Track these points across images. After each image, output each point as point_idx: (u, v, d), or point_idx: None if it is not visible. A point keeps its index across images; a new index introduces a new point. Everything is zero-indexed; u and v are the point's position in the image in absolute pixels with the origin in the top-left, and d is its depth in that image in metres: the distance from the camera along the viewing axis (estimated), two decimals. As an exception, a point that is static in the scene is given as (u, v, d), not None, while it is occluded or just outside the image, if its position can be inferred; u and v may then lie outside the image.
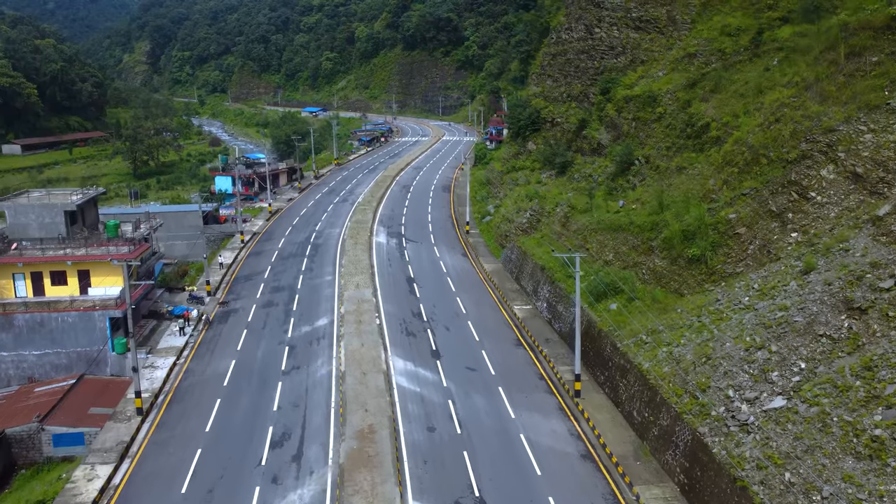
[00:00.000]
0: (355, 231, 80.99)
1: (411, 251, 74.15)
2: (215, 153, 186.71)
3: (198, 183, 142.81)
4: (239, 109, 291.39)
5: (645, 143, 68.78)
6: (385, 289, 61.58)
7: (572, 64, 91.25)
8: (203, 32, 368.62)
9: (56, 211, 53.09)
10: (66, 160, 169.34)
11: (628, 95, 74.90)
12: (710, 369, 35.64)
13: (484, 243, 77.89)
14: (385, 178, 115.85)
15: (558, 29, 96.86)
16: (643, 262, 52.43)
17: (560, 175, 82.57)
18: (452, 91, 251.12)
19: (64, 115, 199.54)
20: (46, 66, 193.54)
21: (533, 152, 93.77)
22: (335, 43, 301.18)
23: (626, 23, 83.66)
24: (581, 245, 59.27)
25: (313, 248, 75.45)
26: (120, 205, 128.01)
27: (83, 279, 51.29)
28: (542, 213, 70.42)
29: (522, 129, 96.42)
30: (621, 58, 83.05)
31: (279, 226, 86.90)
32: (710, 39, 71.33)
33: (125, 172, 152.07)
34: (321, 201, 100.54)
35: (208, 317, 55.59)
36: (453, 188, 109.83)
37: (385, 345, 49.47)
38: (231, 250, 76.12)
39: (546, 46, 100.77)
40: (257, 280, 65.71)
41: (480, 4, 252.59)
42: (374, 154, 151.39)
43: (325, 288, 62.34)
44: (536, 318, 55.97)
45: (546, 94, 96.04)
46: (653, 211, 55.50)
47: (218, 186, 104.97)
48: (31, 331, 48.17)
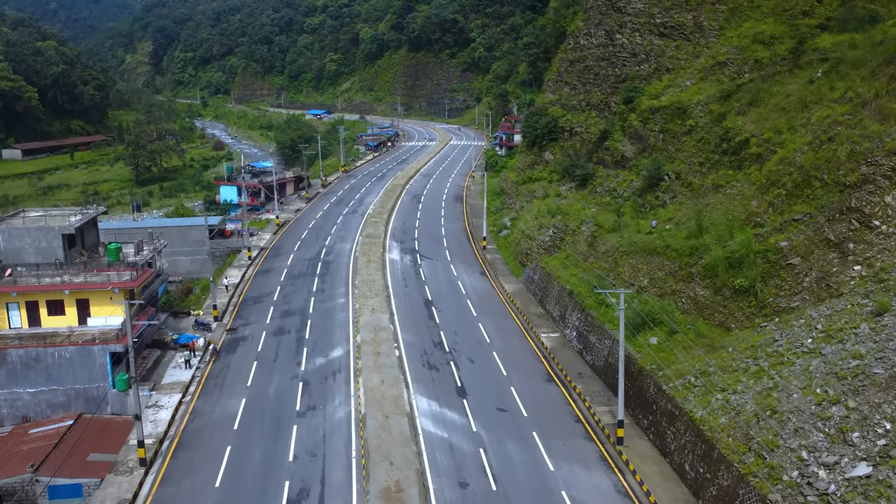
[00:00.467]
0: (367, 247, 77.29)
1: (427, 269, 70.45)
2: (219, 158, 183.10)
3: (201, 190, 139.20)
4: (242, 111, 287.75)
5: (674, 157, 65.08)
6: (402, 314, 57.88)
7: (592, 71, 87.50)
8: (206, 33, 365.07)
9: (53, 234, 49.41)
10: (67, 165, 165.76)
11: (654, 106, 71.16)
12: (778, 424, 31.90)
13: (502, 260, 74.16)
14: (395, 187, 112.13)
15: (576, 34, 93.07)
16: (682, 290, 48.70)
17: (580, 188, 78.86)
18: (458, 93, 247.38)
19: (65, 118, 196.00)
20: (48, 68, 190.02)
21: (550, 163, 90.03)
22: (339, 44, 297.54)
23: (650, 29, 79.91)
24: (611, 269, 55.53)
25: (324, 266, 71.77)
26: (122, 214, 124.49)
27: (82, 309, 47.64)
28: (565, 230, 66.67)
29: (539, 139, 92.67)
30: (644, 65, 79.29)
31: (287, 240, 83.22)
32: (742, 48, 67.64)
33: (127, 179, 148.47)
34: (330, 212, 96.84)
35: (215, 346, 51.90)
36: (465, 198, 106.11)
37: (406, 381, 45.78)
38: (238, 268, 72.45)
39: (563, 52, 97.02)
40: (266, 303, 62.02)
41: (486, 6, 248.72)
42: (381, 160, 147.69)
43: (339, 312, 58.66)
44: (566, 347, 52.24)
45: (564, 101, 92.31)
46: (690, 233, 51.79)
47: (223, 196, 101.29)
48: (25, 367, 44.49)
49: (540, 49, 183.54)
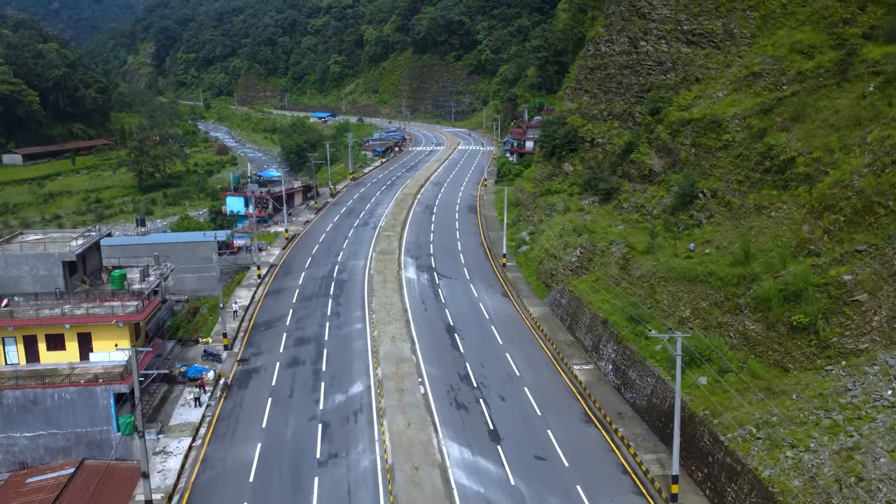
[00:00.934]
0: (382, 264, 73.70)
1: (446, 290, 66.83)
2: (223, 162, 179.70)
3: (206, 198, 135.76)
4: (245, 114, 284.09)
5: (709, 173, 61.46)
6: (424, 342, 54.28)
7: (614, 79, 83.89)
8: (208, 34, 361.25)
9: (53, 262, 45.85)
10: (68, 170, 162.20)
11: (685, 118, 67.57)
12: (867, 495, 28.30)
13: (524, 280, 70.52)
14: (405, 197, 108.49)
15: (596, 41, 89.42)
16: (729, 323, 45.06)
17: (604, 202, 75.26)
18: (464, 96, 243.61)
19: (67, 122, 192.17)
20: (49, 71, 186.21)
21: (570, 175, 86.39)
22: (343, 46, 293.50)
23: (677, 36, 76.29)
24: (648, 296, 51.90)
25: (338, 286, 68.16)
26: (125, 223, 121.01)
27: (84, 343, 44.06)
28: (593, 251, 63.02)
29: (557, 149, 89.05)
30: (671, 74, 75.70)
31: (297, 255, 79.63)
32: (779, 58, 63.96)
33: (130, 185, 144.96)
34: (340, 224, 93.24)
35: (226, 381, 48.31)
36: (479, 209, 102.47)
37: (434, 423, 42.19)
38: (247, 288, 68.86)
39: (581, 59, 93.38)
40: (279, 328, 58.42)
41: (493, 7, 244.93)
42: (389, 166, 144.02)
43: (356, 339, 55.07)
44: (602, 382, 48.62)
45: (583, 110, 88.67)
46: (736, 260, 48.18)
47: (229, 207, 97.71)
48: (22, 409, 40.93)
49: (550, 52, 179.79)
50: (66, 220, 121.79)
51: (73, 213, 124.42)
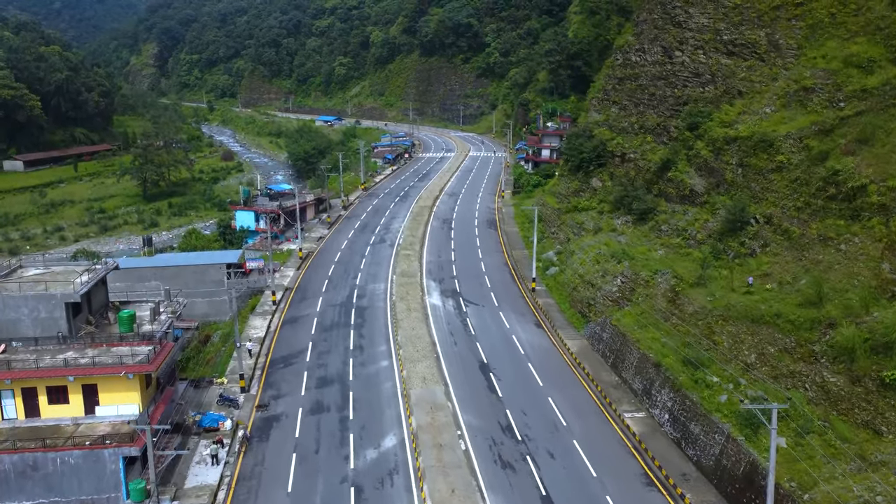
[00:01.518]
0: (404, 288, 69.17)
1: (474, 319, 62.26)
2: (228, 169, 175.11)
3: (212, 207, 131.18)
4: (250, 117, 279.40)
5: (761, 197, 56.85)
6: (458, 384, 49.75)
7: (646, 91, 79.29)
8: (212, 35, 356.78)
9: (55, 303, 41.30)
10: (70, 177, 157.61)
11: (729, 135, 62.97)
12: None
13: (557, 307, 65.95)
14: (421, 210, 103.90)
15: (625, 49, 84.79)
16: (804, 372, 40.48)
17: (639, 223, 70.68)
18: (472, 99, 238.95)
19: (69, 126, 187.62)
20: (51, 75, 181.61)
21: (599, 191, 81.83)
22: (349, 48, 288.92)
23: (716, 46, 71.66)
24: (704, 336, 47.32)
25: (358, 314, 63.61)
26: (129, 235, 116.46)
27: (90, 396, 39.52)
28: (636, 280, 58.40)
29: (585, 163, 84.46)
30: (710, 87, 71.08)
31: (313, 277, 75.09)
32: (832, 71, 59.30)
33: (134, 194, 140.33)
34: (355, 241, 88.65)
35: (246, 431, 43.76)
36: (499, 224, 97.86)
37: (480, 488, 37.66)
38: (262, 316, 64.28)
39: (609, 68, 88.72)
40: (298, 365, 53.84)
41: (502, 9, 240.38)
42: (401, 175, 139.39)
43: (384, 380, 50.53)
44: (658, 434, 44.06)
45: (612, 123, 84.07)
46: (806, 300, 43.58)
47: (239, 223, 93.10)
48: (20, 475, 36.41)
49: (562, 56, 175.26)
50: (68, 231, 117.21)
51: (76, 225, 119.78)
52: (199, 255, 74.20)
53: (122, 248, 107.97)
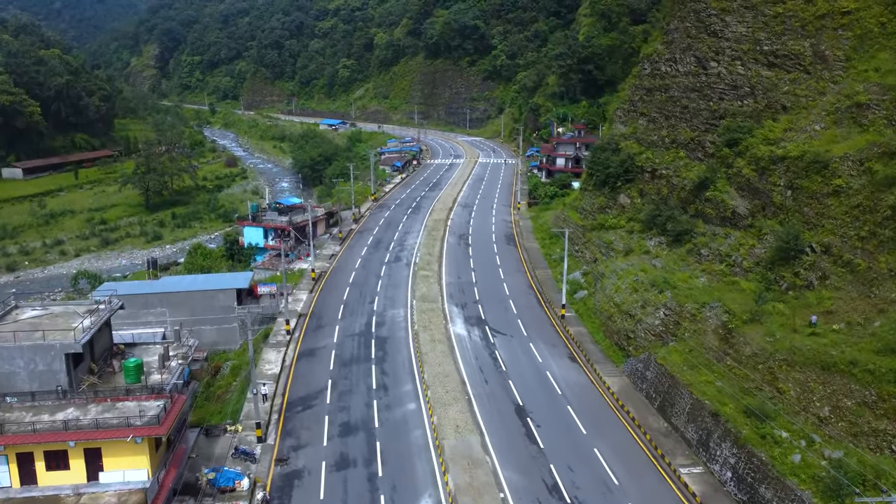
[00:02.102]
0: (425, 315, 64.81)
1: (504, 352, 57.87)
2: (232, 175, 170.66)
3: (217, 218, 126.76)
4: (252, 120, 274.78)
5: (816, 224, 52.45)
6: (494, 432, 45.40)
7: (677, 103, 74.93)
8: (213, 36, 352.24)
9: (54, 354, 36.92)
10: (71, 185, 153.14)
11: (776, 154, 58.56)
12: None
13: (589, 337, 61.57)
14: (436, 224, 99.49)
15: (654, 59, 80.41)
16: (890, 431, 36.15)
17: (675, 245, 66.29)
18: (479, 103, 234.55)
19: (69, 132, 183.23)
20: (51, 79, 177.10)
21: (627, 208, 77.43)
22: (352, 49, 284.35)
23: (755, 57, 67.26)
24: (766, 381, 42.97)
25: (379, 346, 59.21)
26: (132, 249, 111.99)
27: (92, 460, 35.14)
28: (680, 312, 53.98)
29: (611, 178, 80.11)
30: (749, 100, 66.69)
31: (328, 301, 70.67)
32: (889, 87, 54.92)
33: (136, 203, 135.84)
34: (370, 259, 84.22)
35: (266, 494, 39.34)
36: (518, 239, 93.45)
37: (533, 568, 33.32)
38: (275, 348, 59.83)
39: (635, 78, 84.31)
40: (318, 408, 49.41)
41: (508, 11, 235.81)
42: (411, 184, 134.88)
43: (413, 427, 46.15)
44: (720, 495, 39.65)
45: (640, 136, 79.72)
46: (885, 346, 39.25)
47: (247, 239, 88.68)
48: (14, 559, 32.10)
49: (573, 60, 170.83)
50: (68, 244, 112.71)
51: (77, 238, 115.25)
52: (207, 279, 69.81)
53: (124, 262, 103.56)
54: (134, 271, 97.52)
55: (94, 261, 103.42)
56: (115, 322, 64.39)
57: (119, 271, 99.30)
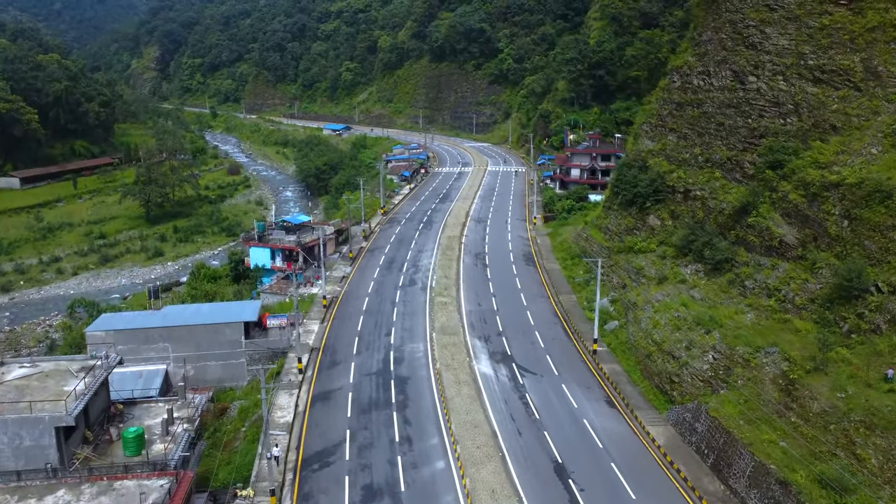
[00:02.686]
0: (447, 351, 60.11)
1: (535, 395, 53.14)
2: (235, 184, 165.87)
3: (220, 232, 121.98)
4: (255, 124, 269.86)
5: (881, 259, 47.70)
6: (534, 498, 40.66)
7: (712, 119, 70.18)
8: (214, 38, 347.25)
9: (43, 428, 32.23)
10: (69, 195, 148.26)
11: (828, 180, 53.81)
12: None
13: (625, 375, 56.82)
14: (450, 242, 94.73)
15: (684, 71, 75.65)
16: None
17: (714, 273, 61.52)
18: (485, 107, 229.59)
19: (68, 139, 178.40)
20: (49, 85, 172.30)
21: (658, 231, 72.71)
22: (355, 52, 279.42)
23: (799, 72, 62.49)
24: (842, 447, 38.24)
25: (399, 387, 54.48)
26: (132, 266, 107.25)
27: (85, 555, 30.42)
28: (731, 356, 49.22)
29: (640, 198, 75.39)
30: (793, 119, 61.92)
31: (341, 333, 65.96)
32: (954, 108, 50.19)
33: (136, 216, 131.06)
34: (383, 283, 79.47)
35: (283, 581, 34.67)
36: (537, 258, 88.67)
37: None
38: (287, 391, 55.08)
39: (664, 91, 79.53)
40: (337, 466, 44.64)
41: (515, 14, 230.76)
42: (420, 195, 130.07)
43: (443, 492, 41.39)
44: (798, 582, 34.96)
45: (669, 153, 75.02)
46: (983, 414, 34.62)
47: (253, 260, 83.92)
48: None
49: (584, 65, 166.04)
50: (65, 261, 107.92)
51: (75, 254, 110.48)
52: (212, 310, 65.01)
53: (124, 282, 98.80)
54: (134, 292, 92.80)
55: (93, 280, 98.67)
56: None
57: (119, 291, 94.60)
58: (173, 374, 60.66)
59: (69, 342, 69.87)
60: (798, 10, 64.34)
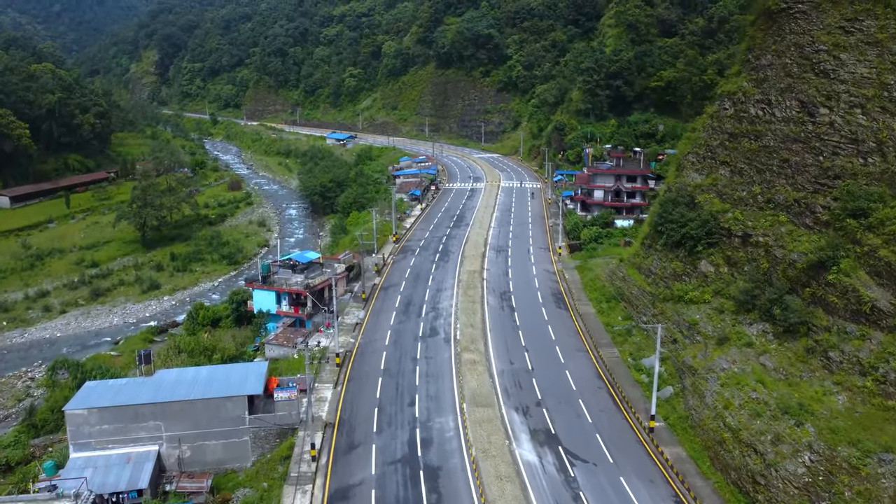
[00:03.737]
0: (482, 431, 51.67)
1: (591, 494, 44.67)
2: (237, 201, 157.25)
3: (221, 259, 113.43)
4: (256, 133, 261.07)
5: None
6: None
7: (774, 154, 61.75)
8: (215, 42, 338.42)
9: None
10: (61, 215, 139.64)
11: (933, 239, 45.36)
12: None
13: (690, 462, 48.37)
14: (471, 278, 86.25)
15: (739, 99, 67.22)
16: None
17: (787, 338, 53.07)
18: (493, 115, 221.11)
19: (62, 153, 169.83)
20: (42, 97, 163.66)
21: (712, 279, 64.25)
22: (359, 57, 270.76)
23: (882, 105, 54.16)
24: None
25: (430, 483, 46.00)
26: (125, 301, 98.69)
27: None
28: (833, 461, 40.80)
29: (688, 240, 67.00)
30: (875, 158, 53.58)
31: (358, 401, 57.57)
32: None
33: (131, 239, 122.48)
34: (401, 332, 71.08)
35: None
36: (568, 299, 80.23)
37: None
38: (298, 488, 46.55)
39: (714, 120, 71.06)
40: None
41: (524, 19, 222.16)
42: (432, 217, 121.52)
43: None
44: None
45: (721, 190, 66.65)
46: None
47: (257, 305, 75.48)
48: None
49: (600, 76, 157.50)
50: (53, 295, 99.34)
51: (64, 287, 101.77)
52: (211, 376, 56.38)
53: (116, 321, 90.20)
54: (126, 335, 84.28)
55: (83, 319, 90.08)
56: (99, 439, 51.46)
57: (110, 333, 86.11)
58: (167, 457, 52.46)
59: (51, 405, 61.56)
60: (879, 33, 55.98)
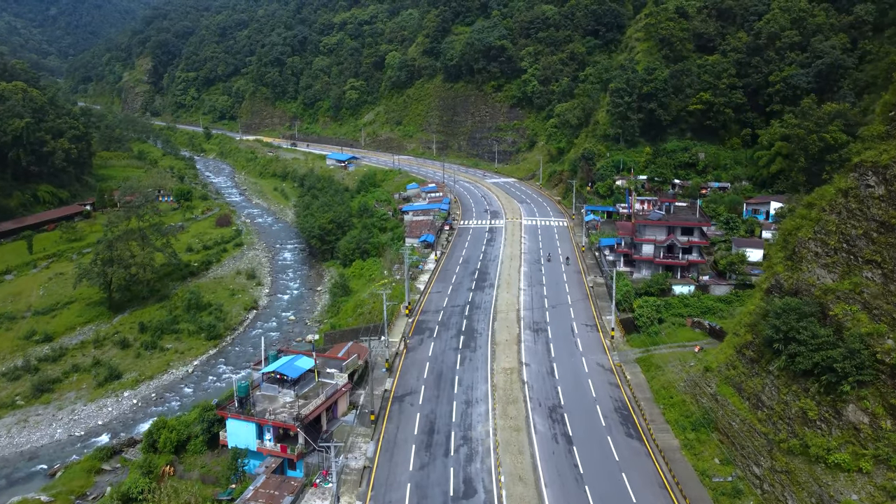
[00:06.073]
0: None
1: None
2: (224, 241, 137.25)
3: (199, 332, 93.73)
4: (251, 151, 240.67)
5: None
6: None
7: (965, 265, 42.10)
8: (210, 51, 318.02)
9: None
10: (21, 263, 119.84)
11: None
12: None
13: None
14: (508, 382, 66.60)
15: (888, 173, 47.69)
16: None
17: None
18: (506, 133, 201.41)
19: (31, 183, 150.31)
20: (8, 123, 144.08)
21: (867, 433, 44.68)
22: (361, 68, 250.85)
23: None
24: None
25: None
26: (76, 399, 78.93)
27: None
28: None
29: (828, 372, 47.46)
30: None
31: None
32: None
33: (95, 301, 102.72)
34: (424, 488, 51.50)
35: None
36: (638, 419, 60.55)
37: None
38: None
39: (846, 198, 51.41)
40: None
41: (539, 30, 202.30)
42: (450, 273, 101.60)
43: None
44: None
45: (869, 301, 47.01)
46: None
47: (232, 440, 55.93)
48: None
49: (632, 98, 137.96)
50: (-9, 388, 79.59)
51: (3, 376, 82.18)
52: None
53: (59, 433, 70.27)
54: (68, 461, 64.63)
55: (16, 431, 70.37)
56: None
57: (47, 455, 66.37)
58: None
59: None
60: None
